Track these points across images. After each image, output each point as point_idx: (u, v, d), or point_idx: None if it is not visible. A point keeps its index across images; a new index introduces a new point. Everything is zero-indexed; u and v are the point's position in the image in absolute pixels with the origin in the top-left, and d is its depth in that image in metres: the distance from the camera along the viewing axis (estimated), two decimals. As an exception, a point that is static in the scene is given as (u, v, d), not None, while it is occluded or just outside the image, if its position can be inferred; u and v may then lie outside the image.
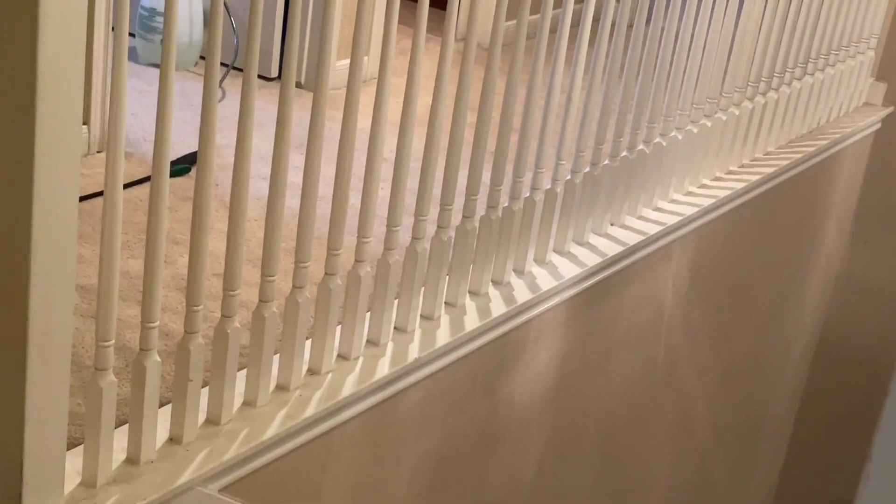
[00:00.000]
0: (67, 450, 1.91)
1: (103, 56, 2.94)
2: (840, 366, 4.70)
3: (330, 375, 2.34)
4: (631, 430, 3.57)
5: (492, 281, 2.74)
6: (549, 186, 2.82)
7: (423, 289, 2.53)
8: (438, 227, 2.53)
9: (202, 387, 2.13)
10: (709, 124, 3.40)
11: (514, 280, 2.80)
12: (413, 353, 2.47)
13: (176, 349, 2.09)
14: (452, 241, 2.57)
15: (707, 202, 3.41)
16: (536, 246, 2.86)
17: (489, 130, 2.55)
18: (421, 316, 2.55)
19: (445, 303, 2.62)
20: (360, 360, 2.41)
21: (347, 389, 2.32)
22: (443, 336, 2.54)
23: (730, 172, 3.59)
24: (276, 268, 2.17)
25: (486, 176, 2.62)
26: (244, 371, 2.23)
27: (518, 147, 2.67)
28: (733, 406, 4.27)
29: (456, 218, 2.58)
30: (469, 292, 2.68)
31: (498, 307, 2.69)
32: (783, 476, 4.92)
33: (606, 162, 2.99)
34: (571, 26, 2.66)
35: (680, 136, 3.27)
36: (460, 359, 2.61)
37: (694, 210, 3.34)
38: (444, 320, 2.59)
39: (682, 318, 3.57)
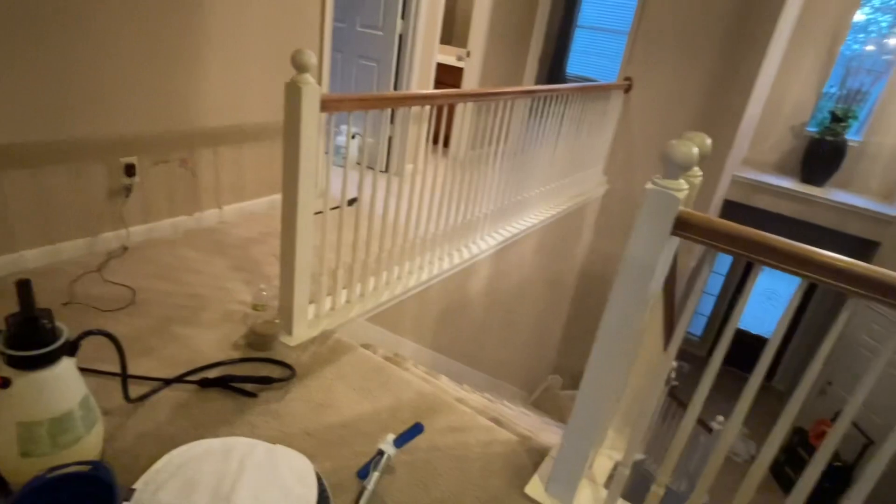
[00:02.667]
0: (308, 303, 1.98)
1: (323, 160, 2.97)
2: (590, 279, 4.76)
3: (404, 279, 2.39)
4: (515, 301, 3.60)
5: (464, 246, 2.77)
6: (484, 210, 2.86)
7: (437, 248, 2.57)
8: (446, 224, 2.56)
9: (358, 281, 2.19)
10: (543, 189, 3.44)
11: (472, 245, 2.81)
12: (435, 270, 2.51)
13: (348, 268, 2.14)
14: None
15: (543, 217, 3.42)
16: (485, 230, 2.89)
17: (462, 193, 2.58)
18: (437, 258, 2.59)
19: (447, 253, 2.65)
20: (417, 273, 2.44)
21: (411, 283, 2.37)
22: (445, 265, 2.58)
23: (550, 207, 3.61)
24: (386, 240, 2.23)
25: (463, 206, 2.65)
26: (373, 277, 2.29)
27: (474, 197, 2.70)
28: (551, 293, 4.29)
29: (451, 222, 2.61)
30: (455, 250, 2.70)
31: (465, 256, 2.71)
32: (567, 320, 4.98)
33: (506, 202, 3.03)
34: (495, 154, 2.69)
35: (534, 194, 3.30)
36: (452, 274, 2.63)
37: (537, 220, 3.35)
38: (447, 259, 2.62)
39: (532, 259, 3.60)
